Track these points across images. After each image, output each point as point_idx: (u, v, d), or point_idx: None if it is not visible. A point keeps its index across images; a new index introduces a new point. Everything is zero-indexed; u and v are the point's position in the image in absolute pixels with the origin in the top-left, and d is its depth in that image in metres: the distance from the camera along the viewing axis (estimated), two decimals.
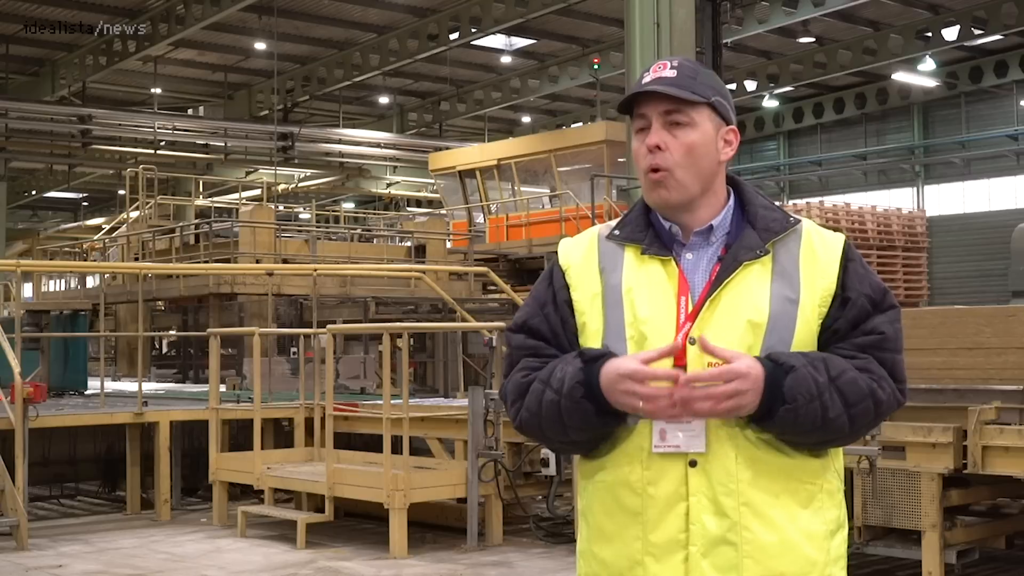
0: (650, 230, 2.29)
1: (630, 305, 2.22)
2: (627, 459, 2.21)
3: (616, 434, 2.22)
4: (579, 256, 2.33)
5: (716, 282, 2.21)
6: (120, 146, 28.73)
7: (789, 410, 2.11)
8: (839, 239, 2.30)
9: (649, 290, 2.23)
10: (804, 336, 2.20)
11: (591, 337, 2.26)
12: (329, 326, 10.64)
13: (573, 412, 2.18)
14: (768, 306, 2.19)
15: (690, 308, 2.20)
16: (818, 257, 2.24)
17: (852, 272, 2.25)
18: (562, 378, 2.19)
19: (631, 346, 2.19)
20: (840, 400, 2.14)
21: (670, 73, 2.25)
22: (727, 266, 2.21)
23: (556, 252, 2.39)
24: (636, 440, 2.20)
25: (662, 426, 2.17)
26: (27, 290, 28.39)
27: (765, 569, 2.15)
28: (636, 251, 2.27)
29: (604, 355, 2.17)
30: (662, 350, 2.12)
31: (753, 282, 2.21)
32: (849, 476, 7.37)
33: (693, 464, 2.16)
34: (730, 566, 2.14)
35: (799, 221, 2.29)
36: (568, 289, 2.31)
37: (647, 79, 2.27)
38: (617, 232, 2.31)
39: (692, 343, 2.16)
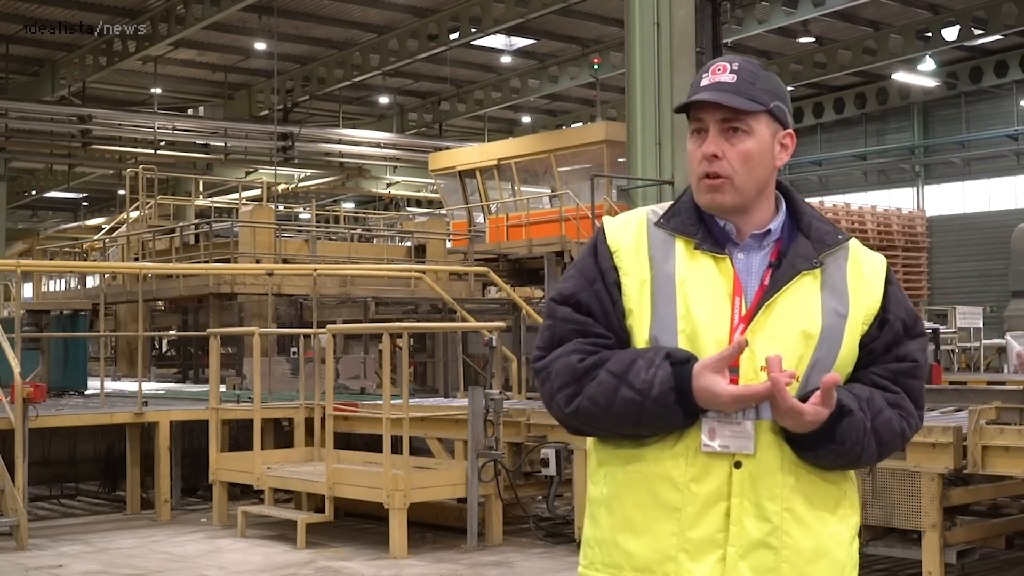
0: (702, 225, 2.26)
1: (683, 298, 2.20)
2: (671, 454, 2.19)
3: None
4: (629, 239, 2.28)
5: (772, 287, 2.20)
6: (120, 146, 28.74)
7: (834, 450, 2.17)
8: (883, 260, 2.34)
9: (702, 286, 2.20)
10: (848, 351, 2.24)
11: (637, 324, 2.23)
12: (329, 326, 10.64)
13: (659, 414, 2.15)
14: (821, 318, 2.20)
15: (743, 310, 2.19)
16: (864, 275, 2.27)
17: (892, 295, 2.29)
18: (648, 380, 2.14)
19: (682, 339, 2.18)
20: (875, 440, 2.20)
21: (729, 78, 2.22)
22: (784, 273, 2.21)
23: (601, 229, 2.33)
24: (685, 437, 2.19)
25: (712, 424, 2.16)
26: (27, 290, 28.40)
27: (800, 574, 2.17)
28: (688, 244, 2.24)
29: (691, 358, 2.16)
30: (731, 350, 2.11)
31: (806, 292, 2.21)
32: None
33: (738, 466, 2.16)
34: (767, 569, 2.15)
35: (849, 237, 2.32)
36: (617, 271, 2.26)
37: (705, 82, 2.23)
38: (666, 222, 2.28)
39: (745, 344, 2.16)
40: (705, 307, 2.18)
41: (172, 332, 20.80)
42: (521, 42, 27.56)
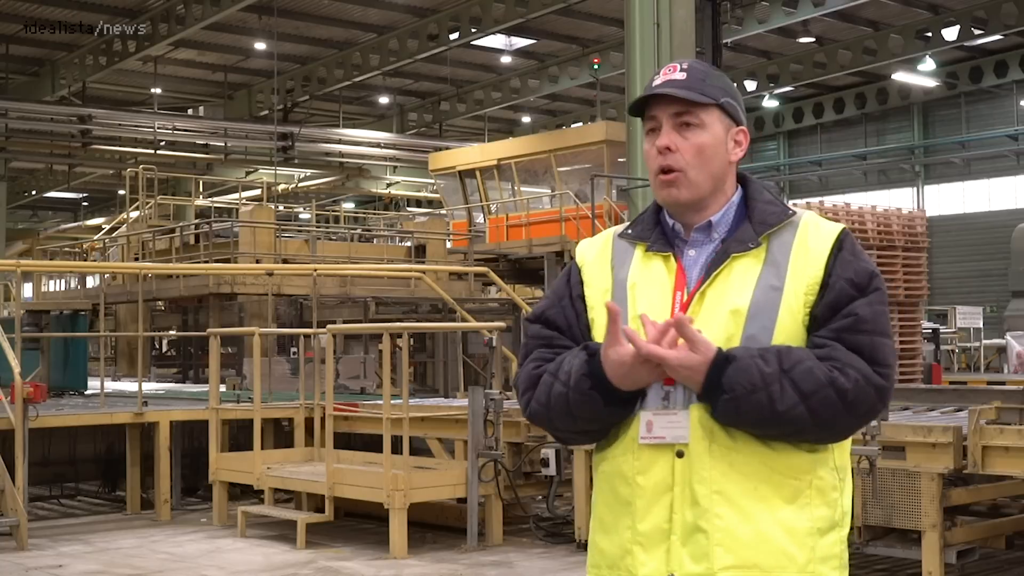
0: (657, 228, 2.34)
1: (633, 301, 2.27)
2: (622, 450, 2.26)
3: (618, 426, 2.27)
4: (593, 254, 2.40)
5: (706, 276, 2.25)
6: (120, 146, 28.73)
7: (729, 400, 2.12)
8: (835, 229, 2.28)
9: (650, 286, 2.28)
10: (788, 324, 2.20)
11: (600, 331, 2.29)
12: (329, 326, 10.64)
13: (582, 404, 2.22)
14: (751, 295, 2.20)
15: (684, 301, 2.24)
16: (809, 247, 2.24)
17: (840, 260, 2.23)
18: (569, 371, 2.23)
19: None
20: (793, 391, 2.11)
21: (680, 75, 2.29)
22: (717, 259, 2.25)
23: (576, 250, 2.47)
24: (631, 431, 2.24)
25: (649, 417, 2.21)
26: (27, 290, 28.38)
27: (737, 558, 2.15)
28: (643, 248, 2.33)
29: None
30: (611, 320, 2.15)
31: (743, 274, 2.23)
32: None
33: (680, 455, 2.19)
34: (703, 554, 2.15)
35: (796, 213, 2.30)
36: (582, 285, 2.38)
37: (657, 81, 2.30)
38: (629, 231, 2.37)
39: None
40: (648, 304, 2.24)
41: (172, 332, 20.81)
42: (521, 42, 27.56)
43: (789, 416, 2.12)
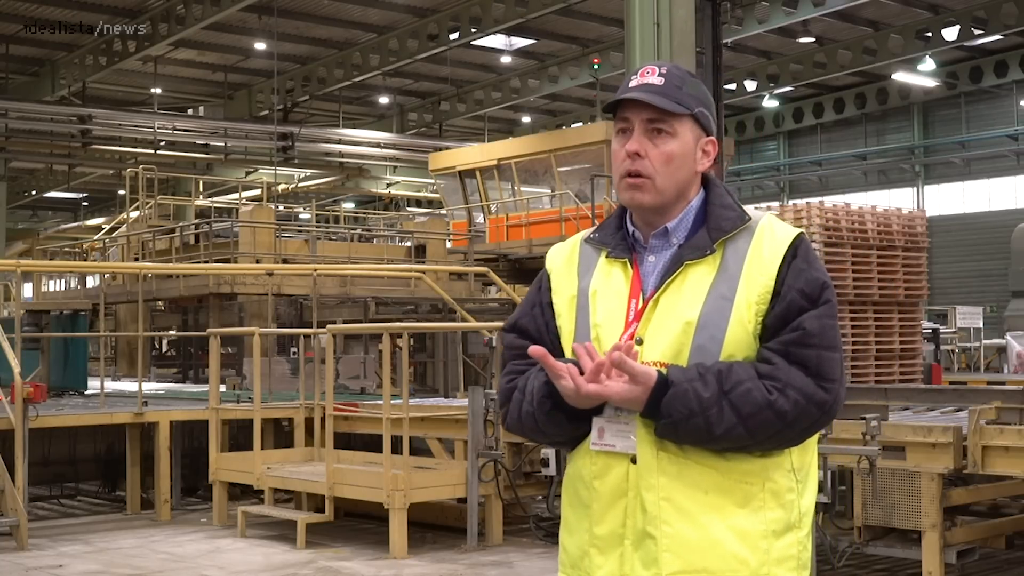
0: (619, 233, 2.34)
1: (594, 308, 2.29)
2: (582, 454, 2.29)
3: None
4: (561, 260, 2.41)
5: (659, 283, 2.25)
6: (120, 146, 28.72)
7: (667, 424, 2.15)
8: (789, 235, 2.25)
9: (608, 293, 2.29)
10: (738, 335, 2.19)
11: (566, 338, 2.33)
12: (329, 326, 10.64)
13: (547, 422, 2.27)
14: (702, 305, 2.20)
15: (639, 309, 2.25)
16: (762, 254, 2.23)
17: (792, 268, 2.21)
18: (531, 390, 2.28)
19: (596, 347, 2.23)
20: (732, 412, 2.13)
21: (657, 80, 2.27)
22: (671, 267, 2.25)
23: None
24: (589, 437, 2.28)
25: (601, 424, 2.24)
26: (27, 290, 28.38)
27: (685, 563, 2.16)
28: (605, 254, 2.33)
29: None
30: (537, 352, 2.19)
31: (696, 282, 2.23)
32: (849, 476, 7.38)
33: (634, 461, 2.21)
34: (651, 560, 2.18)
35: (751, 218, 2.28)
36: (550, 292, 2.39)
37: (633, 83, 2.29)
38: (595, 236, 2.38)
39: (640, 343, 2.21)
40: (605, 312, 2.26)
41: (172, 332, 20.80)
42: (521, 42, 27.55)
43: (728, 436, 2.15)
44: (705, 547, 2.17)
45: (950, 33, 25.27)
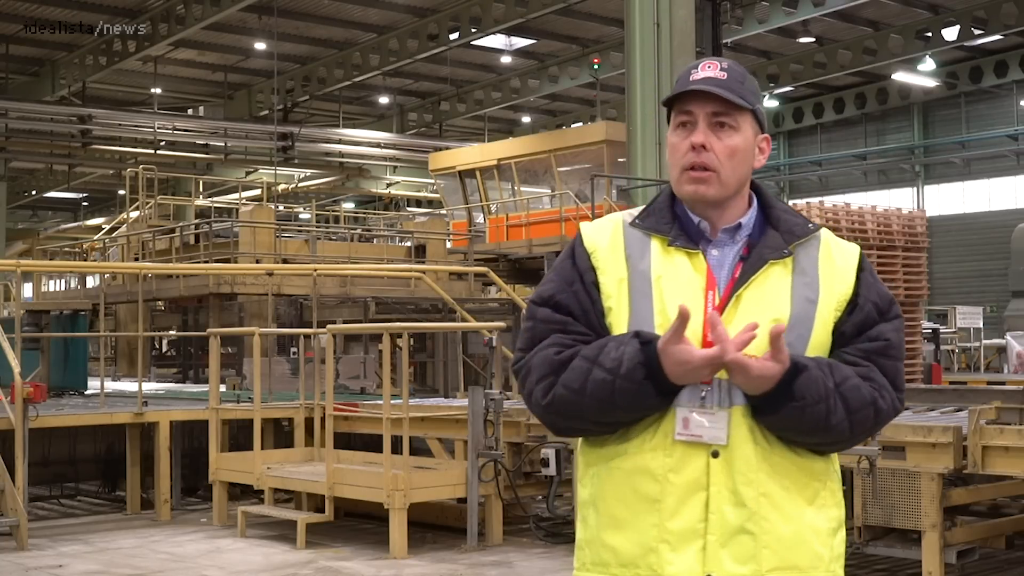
0: (676, 223, 2.32)
1: (659, 294, 2.25)
2: (650, 446, 2.23)
3: (643, 421, 2.24)
4: (605, 240, 2.33)
5: (741, 279, 2.25)
6: (120, 146, 28.74)
7: (796, 408, 2.16)
8: (856, 249, 2.37)
9: (677, 282, 2.25)
10: (820, 337, 2.26)
11: (616, 321, 2.28)
12: (329, 326, 10.64)
13: (630, 392, 2.17)
14: (790, 305, 2.24)
15: (716, 302, 2.24)
16: (836, 264, 2.31)
17: (863, 281, 2.32)
18: (618, 358, 2.17)
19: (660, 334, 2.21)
20: (843, 406, 2.19)
21: (720, 74, 2.28)
22: (752, 264, 2.26)
23: (579, 233, 2.39)
24: (661, 428, 2.23)
25: (686, 414, 2.21)
26: (27, 290, 28.39)
27: (781, 560, 2.19)
28: (663, 242, 2.29)
29: (657, 337, 2.18)
30: (678, 321, 2.12)
31: (776, 282, 2.26)
32: (849, 476, 7.37)
33: (715, 455, 2.20)
34: (748, 556, 2.18)
35: (819, 228, 2.36)
36: (595, 271, 2.31)
37: (696, 76, 2.28)
38: (640, 221, 2.33)
39: None
40: (679, 301, 2.19)
41: (172, 332, 20.80)
42: (521, 42, 27.56)
43: (835, 429, 2.20)
44: (796, 543, 2.21)
45: (950, 33, 25.28)
